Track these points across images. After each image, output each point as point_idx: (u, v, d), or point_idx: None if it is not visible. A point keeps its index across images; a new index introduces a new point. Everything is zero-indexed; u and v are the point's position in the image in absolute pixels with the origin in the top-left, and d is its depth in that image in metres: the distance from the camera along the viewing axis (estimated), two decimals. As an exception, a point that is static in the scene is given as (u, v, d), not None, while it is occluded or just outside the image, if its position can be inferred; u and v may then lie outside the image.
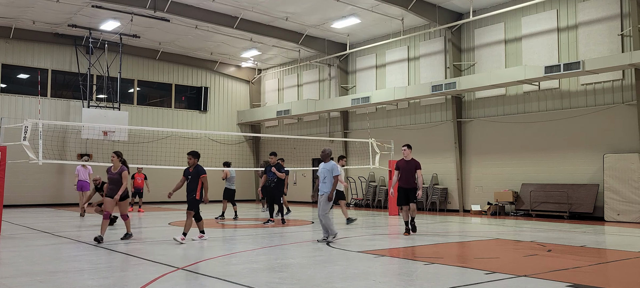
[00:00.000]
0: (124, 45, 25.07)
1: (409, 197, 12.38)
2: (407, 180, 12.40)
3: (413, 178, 12.39)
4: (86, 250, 9.85)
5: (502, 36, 19.67)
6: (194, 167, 11.10)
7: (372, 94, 22.55)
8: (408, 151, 12.67)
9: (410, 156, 12.69)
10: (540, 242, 11.27)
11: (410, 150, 12.78)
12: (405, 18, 21.09)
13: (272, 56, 27.85)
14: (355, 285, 6.80)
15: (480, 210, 19.51)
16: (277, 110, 26.82)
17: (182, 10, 20.64)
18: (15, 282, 7.01)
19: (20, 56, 24.24)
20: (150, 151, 22.86)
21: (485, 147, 20.11)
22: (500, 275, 7.37)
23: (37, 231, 13.29)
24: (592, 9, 17.36)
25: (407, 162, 12.53)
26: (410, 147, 12.84)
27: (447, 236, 12.78)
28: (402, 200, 12.50)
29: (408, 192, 12.38)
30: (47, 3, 20.36)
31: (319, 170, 11.37)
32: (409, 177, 12.40)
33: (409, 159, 12.58)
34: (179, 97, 28.76)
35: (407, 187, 12.39)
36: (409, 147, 12.79)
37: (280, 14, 21.43)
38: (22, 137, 12.07)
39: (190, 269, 7.90)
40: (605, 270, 8.44)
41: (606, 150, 16.92)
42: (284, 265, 8.28)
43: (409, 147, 12.82)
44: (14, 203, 20.70)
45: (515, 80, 17.62)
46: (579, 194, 17.26)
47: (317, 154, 25.60)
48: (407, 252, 9.73)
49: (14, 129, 16.44)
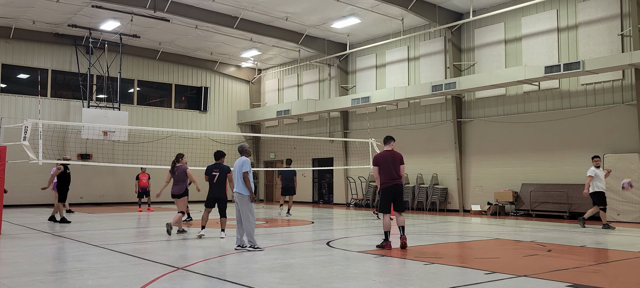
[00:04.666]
0: (124, 45, 25.08)
1: (395, 200, 10.15)
2: (391, 175, 10.09)
3: (398, 174, 10.11)
4: (86, 250, 9.85)
5: (502, 36, 19.67)
6: (220, 166, 11.72)
7: (372, 94, 22.55)
8: (392, 143, 10.46)
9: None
10: (540, 242, 11.27)
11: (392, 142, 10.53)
12: (405, 18, 21.08)
13: (272, 56, 27.85)
14: (355, 285, 6.80)
15: (480, 210, 19.51)
16: (277, 110, 26.82)
17: (182, 10, 20.64)
18: (15, 282, 7.01)
19: (20, 56, 24.25)
20: (150, 151, 22.85)
21: (485, 147, 20.11)
22: (500, 275, 7.37)
23: (37, 231, 13.29)
24: (592, 9, 17.36)
25: (392, 154, 10.26)
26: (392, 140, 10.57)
27: (447, 236, 12.78)
28: (387, 206, 10.13)
29: (395, 193, 10.12)
30: (47, 3, 20.36)
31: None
32: (392, 172, 10.09)
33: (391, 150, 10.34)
34: (179, 97, 28.77)
35: (392, 184, 10.06)
36: (392, 140, 10.53)
37: (280, 14, 21.43)
38: (22, 137, 12.07)
39: (190, 269, 7.90)
40: (605, 270, 8.44)
41: (606, 150, 16.91)
42: (283, 265, 8.27)
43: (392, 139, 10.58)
44: (14, 203, 20.69)
45: (515, 80, 17.62)
46: (579, 194, 17.21)
47: (317, 154, 25.63)
48: (407, 252, 9.72)
49: (14, 128, 16.45)
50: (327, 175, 27.13)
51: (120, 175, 25.72)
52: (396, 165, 10.08)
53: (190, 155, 22.56)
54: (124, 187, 25.95)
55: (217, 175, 11.63)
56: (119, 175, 25.79)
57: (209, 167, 11.81)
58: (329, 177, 27.01)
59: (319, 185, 27.68)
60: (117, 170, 25.34)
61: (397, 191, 10.13)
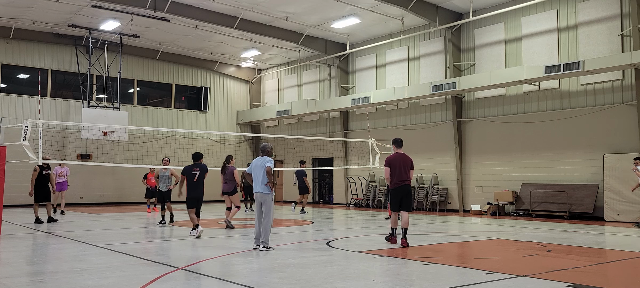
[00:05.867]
0: (124, 45, 25.08)
1: (402, 200, 10.68)
2: (400, 177, 10.68)
3: (407, 176, 10.71)
4: (86, 250, 9.85)
5: (502, 36, 19.67)
6: (199, 166, 12.28)
7: (372, 94, 22.55)
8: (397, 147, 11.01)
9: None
10: (540, 242, 11.27)
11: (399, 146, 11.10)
12: (405, 18, 21.09)
13: (272, 56, 27.86)
14: (355, 285, 6.80)
15: (480, 210, 19.51)
16: (277, 110, 26.82)
17: (182, 10, 20.64)
18: (15, 282, 7.01)
19: (20, 56, 24.24)
20: (150, 151, 22.84)
21: (485, 147, 20.11)
22: (500, 275, 7.37)
23: (37, 231, 13.29)
24: (592, 9, 17.36)
25: (402, 157, 10.83)
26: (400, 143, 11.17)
27: (447, 236, 12.78)
28: (396, 204, 10.78)
29: (403, 194, 10.69)
30: (47, 3, 20.36)
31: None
32: (402, 174, 10.69)
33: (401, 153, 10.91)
34: (179, 97, 28.77)
35: (401, 184, 10.66)
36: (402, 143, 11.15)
37: (280, 14, 21.43)
38: (22, 137, 12.06)
39: (190, 269, 7.90)
40: (605, 270, 8.44)
41: (606, 150, 16.91)
42: (283, 265, 8.27)
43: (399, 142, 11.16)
44: (14, 203, 20.69)
45: (515, 80, 17.62)
46: (579, 194, 17.26)
47: (317, 154, 25.63)
48: (407, 252, 9.73)
49: (14, 128, 16.43)
50: (327, 175, 27.14)
51: (120, 175, 25.72)
52: (406, 167, 10.76)
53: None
54: (124, 187, 25.96)
55: (197, 175, 12.09)
56: (119, 175, 25.79)
57: (189, 167, 12.14)
58: (329, 177, 27.01)
59: (319, 185, 27.69)
60: (117, 170, 25.34)
61: (405, 191, 10.73)
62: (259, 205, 9.93)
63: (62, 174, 18.27)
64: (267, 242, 9.83)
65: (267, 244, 9.81)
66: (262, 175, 9.87)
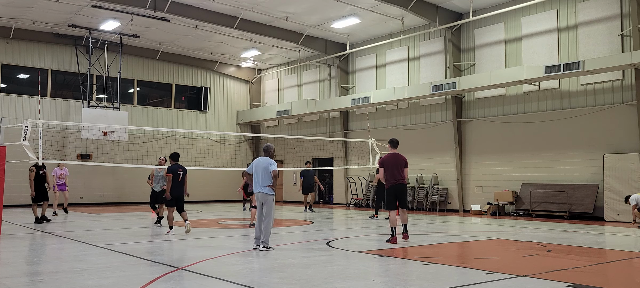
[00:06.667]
0: (124, 45, 25.07)
1: (398, 198, 11.04)
2: (395, 176, 11.04)
3: (401, 175, 11.06)
4: (86, 250, 9.85)
5: (502, 36, 19.67)
6: (182, 166, 12.46)
7: (372, 94, 22.55)
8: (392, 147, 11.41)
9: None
10: (540, 242, 11.27)
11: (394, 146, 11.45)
12: (405, 18, 21.09)
13: (272, 56, 27.85)
14: (355, 285, 6.80)
15: (480, 210, 19.51)
16: (277, 110, 26.82)
17: (182, 10, 20.64)
18: (15, 282, 7.01)
19: (20, 56, 24.25)
20: (150, 151, 22.84)
21: (485, 147, 20.11)
22: (500, 275, 7.37)
23: (37, 231, 13.29)
24: (592, 9, 17.36)
25: (396, 156, 11.17)
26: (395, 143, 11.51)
27: (447, 236, 12.78)
28: (392, 203, 11.06)
29: (398, 192, 11.03)
30: (47, 3, 20.36)
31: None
32: (396, 173, 11.03)
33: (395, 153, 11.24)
34: (179, 97, 28.77)
35: (396, 184, 11.00)
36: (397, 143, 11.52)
37: (280, 14, 21.43)
38: (22, 137, 12.06)
39: (190, 269, 7.90)
40: (605, 270, 8.44)
41: (606, 150, 16.91)
42: (283, 265, 8.27)
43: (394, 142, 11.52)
44: (14, 203, 20.69)
45: (515, 80, 17.62)
46: (579, 194, 17.26)
47: (317, 154, 25.63)
48: (407, 252, 9.73)
49: (14, 128, 16.44)
50: (327, 175, 27.14)
51: (120, 175, 25.72)
52: (400, 167, 11.11)
53: (191, 156, 22.63)
54: (124, 187, 25.96)
55: (181, 174, 12.33)
56: (119, 176, 25.79)
57: (173, 167, 12.27)
58: (329, 177, 27.01)
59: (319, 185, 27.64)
60: (117, 170, 25.34)
61: (399, 190, 11.08)
62: (260, 206, 9.92)
63: (61, 176, 18.12)
64: (267, 242, 9.83)
65: (267, 244, 9.82)
66: (265, 176, 9.86)
